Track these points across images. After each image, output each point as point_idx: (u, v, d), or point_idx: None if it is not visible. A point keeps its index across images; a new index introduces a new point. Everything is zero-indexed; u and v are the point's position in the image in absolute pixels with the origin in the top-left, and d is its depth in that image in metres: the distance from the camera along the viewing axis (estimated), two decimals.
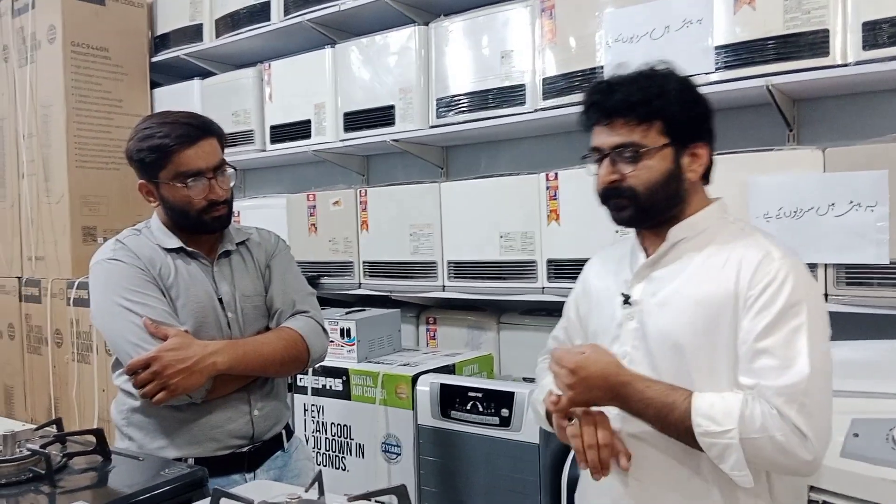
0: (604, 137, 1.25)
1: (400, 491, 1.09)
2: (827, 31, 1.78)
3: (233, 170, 1.63)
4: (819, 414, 1.11)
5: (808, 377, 1.10)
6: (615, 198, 1.26)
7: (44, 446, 1.28)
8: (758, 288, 1.15)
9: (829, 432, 1.14)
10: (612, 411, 1.25)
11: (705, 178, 1.30)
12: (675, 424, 1.15)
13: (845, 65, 1.78)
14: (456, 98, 2.45)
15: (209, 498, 1.13)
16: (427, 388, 2.13)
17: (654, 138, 1.22)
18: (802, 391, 1.09)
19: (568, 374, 1.21)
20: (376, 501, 1.14)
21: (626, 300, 1.29)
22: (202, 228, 1.61)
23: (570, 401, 1.23)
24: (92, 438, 1.35)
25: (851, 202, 1.70)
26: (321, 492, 1.14)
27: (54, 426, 1.44)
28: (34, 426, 1.48)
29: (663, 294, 1.25)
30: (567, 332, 1.48)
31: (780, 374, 1.11)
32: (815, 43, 1.80)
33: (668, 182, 1.23)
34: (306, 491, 1.16)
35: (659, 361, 1.22)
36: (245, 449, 1.62)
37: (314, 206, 2.82)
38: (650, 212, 1.25)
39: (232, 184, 1.63)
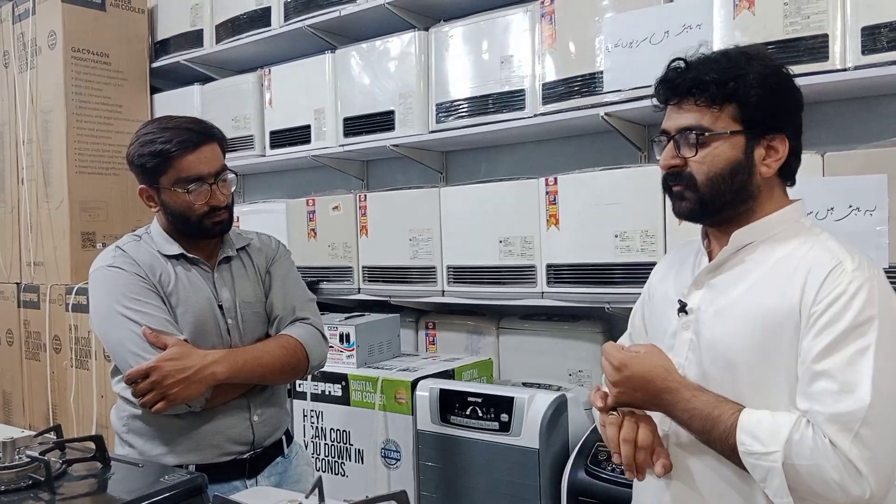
0: (671, 119, 1.17)
1: (400, 497, 1.08)
2: (826, 35, 1.79)
3: (234, 175, 1.63)
4: (880, 447, 0.99)
5: (870, 405, 0.98)
6: (674, 185, 1.17)
7: (43, 453, 1.27)
8: (824, 303, 1.04)
9: (894, 469, 1.02)
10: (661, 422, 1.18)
11: (788, 176, 1.19)
12: (719, 440, 1.07)
13: (845, 69, 1.78)
14: (456, 103, 2.45)
15: None
16: (426, 393, 2.12)
17: (724, 123, 1.12)
18: (860, 420, 0.98)
19: (612, 370, 1.16)
20: None
21: (683, 308, 1.20)
22: (203, 234, 1.61)
23: (615, 399, 1.17)
24: (91, 445, 1.35)
25: (851, 206, 1.70)
26: (322, 498, 1.14)
27: (53, 433, 1.44)
28: (33, 433, 1.47)
29: (721, 303, 1.15)
30: (632, 340, 1.38)
31: (837, 399, 1.00)
32: (814, 47, 1.80)
33: (735, 174, 1.12)
34: (307, 497, 1.15)
35: (711, 377, 1.13)
36: (245, 455, 1.61)
37: (314, 212, 2.82)
38: (711, 205, 1.15)
39: (233, 189, 1.63)
